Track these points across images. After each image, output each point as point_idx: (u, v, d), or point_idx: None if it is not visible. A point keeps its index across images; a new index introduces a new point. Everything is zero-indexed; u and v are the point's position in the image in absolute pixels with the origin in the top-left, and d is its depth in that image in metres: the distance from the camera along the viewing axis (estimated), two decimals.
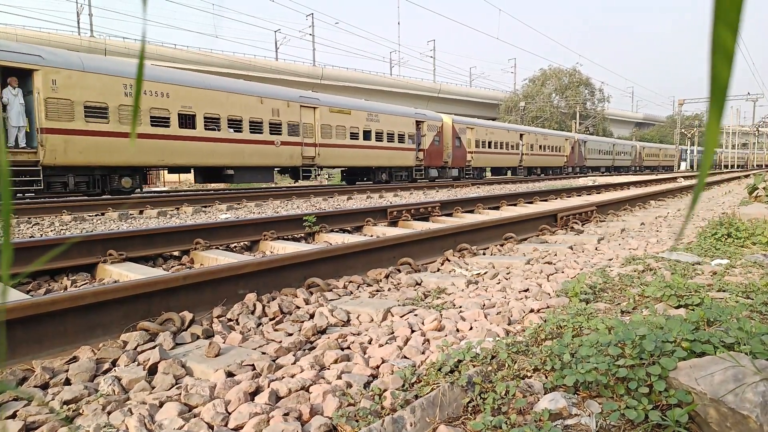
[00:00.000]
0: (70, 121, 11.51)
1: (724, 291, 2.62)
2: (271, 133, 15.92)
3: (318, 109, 17.70)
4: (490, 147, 27.59)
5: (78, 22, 41.15)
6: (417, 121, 22.61)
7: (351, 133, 18.95)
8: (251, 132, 15.47)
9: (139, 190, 13.59)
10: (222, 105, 14.60)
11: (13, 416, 1.55)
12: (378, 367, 1.86)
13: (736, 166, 67.61)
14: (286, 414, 1.49)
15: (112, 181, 12.75)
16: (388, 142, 20.70)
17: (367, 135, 19.69)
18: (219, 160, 14.69)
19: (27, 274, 3.52)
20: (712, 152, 0.37)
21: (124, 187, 12.88)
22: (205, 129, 14.19)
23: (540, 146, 33.14)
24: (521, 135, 30.89)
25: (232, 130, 14.95)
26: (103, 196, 12.12)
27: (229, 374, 1.82)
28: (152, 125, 13.05)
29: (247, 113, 15.31)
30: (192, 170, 15.46)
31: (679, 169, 55.63)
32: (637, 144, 52.88)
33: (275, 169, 17.05)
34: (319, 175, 19.38)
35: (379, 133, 20.22)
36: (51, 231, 6.79)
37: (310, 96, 18.13)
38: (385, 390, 1.59)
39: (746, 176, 25.65)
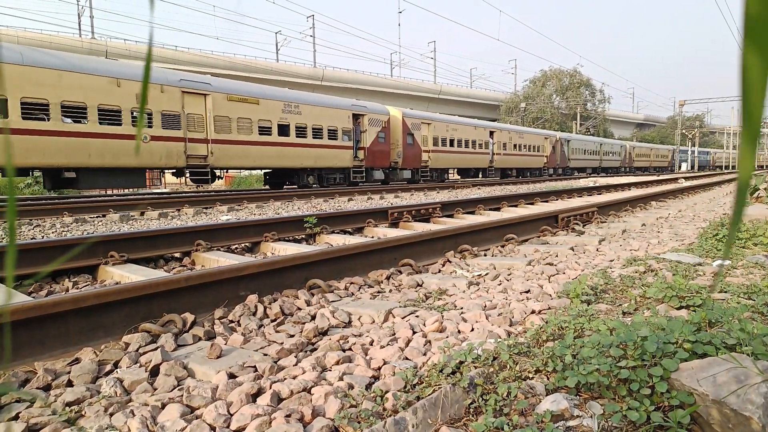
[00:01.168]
0: None
1: (725, 292, 2.62)
2: (135, 125, 12.60)
3: (210, 97, 14.34)
4: (452, 145, 24.60)
5: (79, 24, 41.27)
6: (354, 114, 19.34)
7: (261, 127, 15.77)
8: (102, 123, 12.12)
9: None
10: (53, 88, 11.27)
11: (16, 418, 1.55)
12: (379, 368, 1.86)
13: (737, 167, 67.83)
14: (288, 415, 1.50)
15: None
16: (314, 138, 17.64)
17: (283, 130, 16.51)
18: (49, 159, 11.28)
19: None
20: (747, 182, 0.33)
21: None
22: (24, 118, 10.88)
23: (515, 145, 29.87)
24: (492, 132, 27.43)
25: (69, 120, 11.71)
26: (101, 197, 11.96)
27: (231, 376, 1.83)
28: None
29: (94, 99, 11.95)
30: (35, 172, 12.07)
31: (679, 169, 55.48)
32: (627, 143, 49.89)
33: (147, 170, 13.97)
34: (220, 177, 16.67)
35: (301, 127, 17.11)
36: (52, 233, 6.80)
37: (196, 80, 14.49)
38: (386, 391, 1.59)
39: None
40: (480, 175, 28.21)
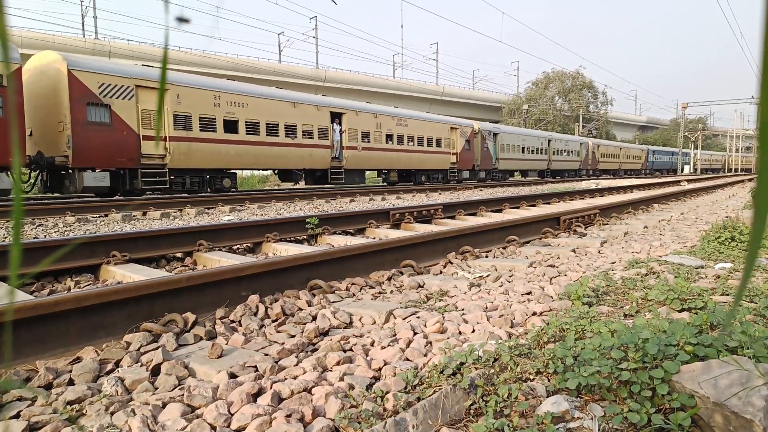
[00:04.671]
0: None
1: (727, 295, 2.61)
2: None
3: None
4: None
5: (83, 25, 41.44)
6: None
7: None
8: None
9: None
10: None
11: (17, 416, 1.56)
12: (380, 369, 1.86)
13: (740, 170, 67.27)
14: (289, 415, 1.50)
15: None
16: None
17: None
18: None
19: (33, 274, 3.53)
20: (766, 210, 0.30)
21: None
22: None
23: (391, 136, 21.27)
24: (336, 115, 18.88)
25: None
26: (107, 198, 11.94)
27: (232, 375, 1.83)
28: None
29: None
30: None
31: (682, 172, 54.64)
32: (589, 140, 40.99)
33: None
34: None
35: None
36: (55, 232, 6.82)
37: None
38: (387, 392, 1.59)
39: (750, 180, 25.57)
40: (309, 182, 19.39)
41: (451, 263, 4.05)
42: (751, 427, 1.16)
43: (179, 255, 4.64)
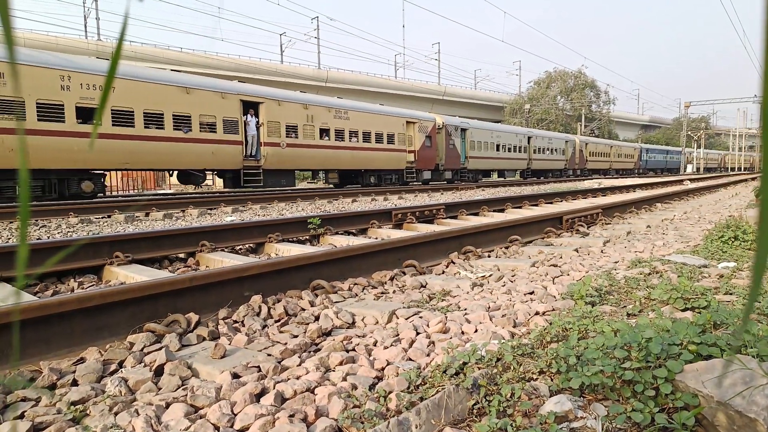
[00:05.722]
0: None
1: (731, 294, 2.60)
2: None
3: None
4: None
5: (85, 26, 41.59)
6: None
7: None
8: None
9: None
10: None
11: (22, 416, 1.56)
12: (383, 369, 1.86)
13: (742, 169, 66.98)
14: (292, 415, 1.50)
15: None
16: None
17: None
18: None
19: (37, 275, 3.55)
20: None
21: None
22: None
23: (339, 132, 18.55)
24: (249, 104, 15.85)
25: None
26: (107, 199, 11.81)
27: (235, 376, 1.83)
28: None
29: None
30: None
31: (685, 171, 54.12)
32: (576, 138, 37.80)
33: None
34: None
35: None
36: (58, 233, 6.84)
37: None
38: (390, 392, 1.59)
39: (753, 179, 25.49)
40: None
41: (454, 263, 4.05)
42: (755, 426, 1.16)
43: (182, 255, 4.65)
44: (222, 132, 14.91)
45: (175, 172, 15.42)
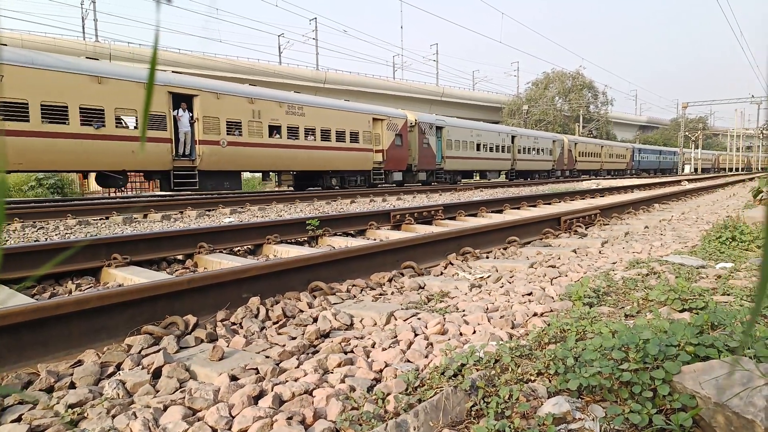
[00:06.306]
0: None
1: (728, 295, 2.61)
2: None
3: None
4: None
5: (83, 27, 41.56)
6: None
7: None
8: None
9: None
10: None
11: (18, 420, 1.56)
12: (381, 370, 1.86)
13: (740, 169, 67.09)
14: (290, 418, 1.50)
15: None
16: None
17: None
18: None
19: (35, 278, 3.54)
20: None
21: None
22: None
23: (292, 130, 16.67)
24: (180, 96, 13.85)
25: None
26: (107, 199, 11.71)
27: (233, 378, 1.83)
28: None
29: None
30: None
31: (682, 172, 54.13)
32: (565, 138, 36.17)
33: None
34: None
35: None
36: (56, 235, 6.83)
37: None
38: (388, 394, 1.59)
39: (750, 179, 25.55)
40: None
41: (452, 264, 4.05)
42: (753, 427, 1.16)
43: (180, 257, 4.64)
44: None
45: (92, 174, 13.68)
